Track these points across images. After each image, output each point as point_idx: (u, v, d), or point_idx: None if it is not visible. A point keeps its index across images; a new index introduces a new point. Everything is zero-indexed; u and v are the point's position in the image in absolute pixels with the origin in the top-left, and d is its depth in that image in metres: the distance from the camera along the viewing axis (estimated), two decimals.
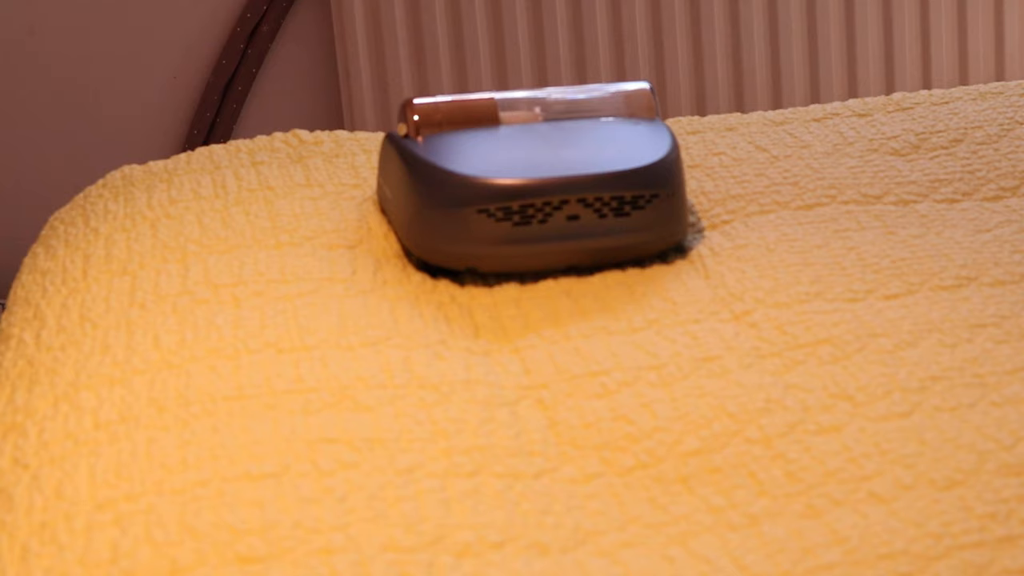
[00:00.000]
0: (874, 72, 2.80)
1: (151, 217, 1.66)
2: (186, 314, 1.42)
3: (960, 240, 1.52)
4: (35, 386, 1.36)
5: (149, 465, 1.17)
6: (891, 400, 1.24)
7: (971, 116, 1.81)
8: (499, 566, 1.05)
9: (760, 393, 1.26)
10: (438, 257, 1.52)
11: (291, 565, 1.04)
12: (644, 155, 1.55)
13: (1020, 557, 1.03)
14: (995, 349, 1.32)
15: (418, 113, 1.62)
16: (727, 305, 1.42)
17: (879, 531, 1.07)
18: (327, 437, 1.20)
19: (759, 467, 1.17)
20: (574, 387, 1.29)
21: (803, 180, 1.67)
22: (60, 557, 1.08)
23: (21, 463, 1.23)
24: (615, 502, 1.14)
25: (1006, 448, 1.16)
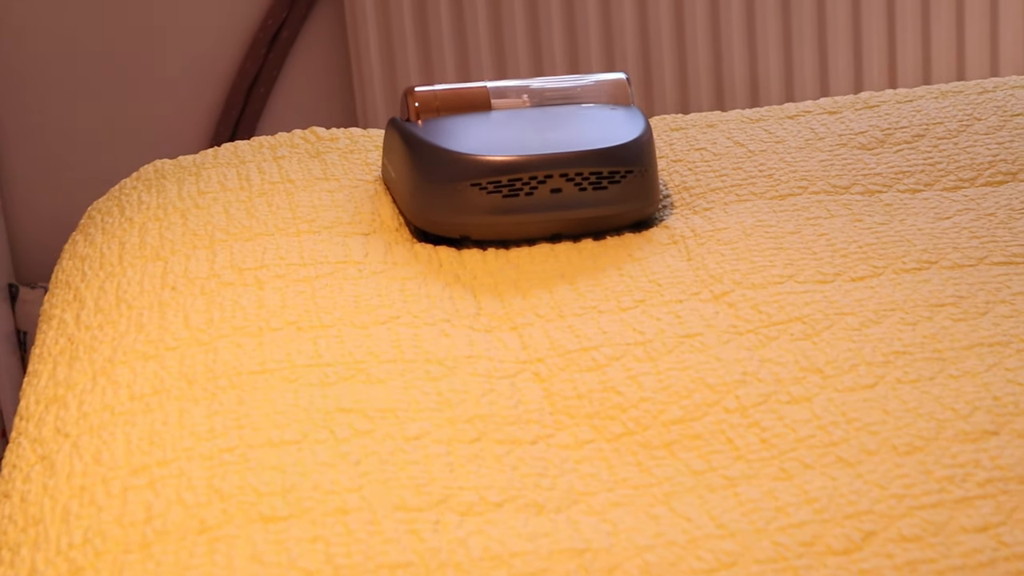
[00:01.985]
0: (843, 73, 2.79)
1: (181, 207, 1.66)
2: (213, 295, 1.42)
3: (922, 227, 1.52)
4: (75, 362, 1.36)
5: (180, 433, 1.18)
6: (857, 373, 1.25)
7: (933, 113, 1.81)
8: (499, 524, 1.05)
9: (737, 367, 1.26)
10: (435, 227, 1.54)
11: (310, 524, 1.04)
12: (620, 136, 1.57)
13: (976, 516, 1.04)
14: (953, 327, 1.32)
15: (418, 100, 1.65)
16: (707, 286, 1.42)
17: (846, 492, 1.07)
18: (342, 407, 1.20)
19: (736, 434, 1.17)
20: (568, 361, 1.30)
21: (777, 172, 1.67)
22: (98, 517, 1.09)
23: (62, 432, 1.23)
24: (605, 466, 1.14)
25: (963, 417, 1.16)
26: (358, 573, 0.99)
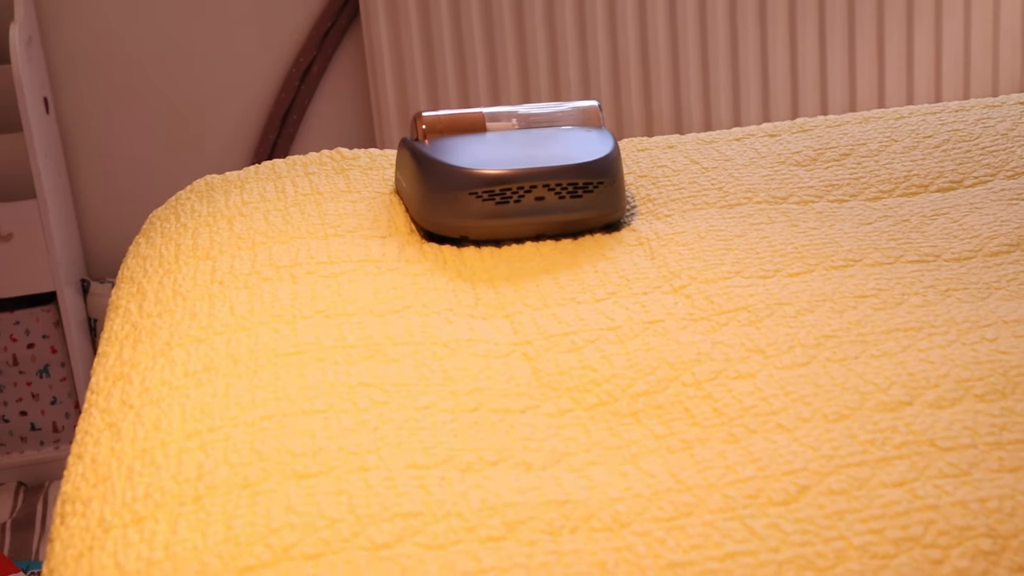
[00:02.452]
0: (782, 102, 2.80)
1: (228, 215, 1.66)
2: (254, 289, 1.42)
3: (848, 231, 1.52)
4: (138, 344, 1.36)
5: (226, 404, 1.18)
6: (793, 354, 1.25)
7: (857, 136, 1.81)
8: (494, 479, 1.05)
9: (693, 348, 1.27)
10: (440, 228, 1.55)
11: (335, 480, 1.04)
12: (592, 153, 1.58)
13: (893, 473, 1.04)
14: (874, 315, 1.32)
15: (425, 123, 1.65)
16: (668, 281, 1.42)
17: (784, 453, 1.07)
18: (363, 382, 1.20)
19: (692, 404, 1.17)
20: (551, 344, 1.30)
21: (726, 186, 1.67)
22: (157, 475, 1.09)
23: (127, 404, 1.23)
24: (582, 431, 1.15)
25: (882, 390, 1.16)
26: (376, 521, 0.99)
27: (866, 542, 0.96)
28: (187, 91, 2.72)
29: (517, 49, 2.69)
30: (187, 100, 2.72)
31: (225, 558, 0.96)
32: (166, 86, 2.71)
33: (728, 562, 0.95)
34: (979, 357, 1.21)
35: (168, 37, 2.69)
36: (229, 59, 2.71)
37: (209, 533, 0.99)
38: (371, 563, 0.95)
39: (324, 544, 0.97)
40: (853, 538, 0.96)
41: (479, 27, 2.67)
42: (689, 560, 0.95)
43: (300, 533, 0.98)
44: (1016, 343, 1.23)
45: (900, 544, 0.96)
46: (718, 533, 0.98)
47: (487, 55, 2.68)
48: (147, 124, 2.72)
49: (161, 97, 2.71)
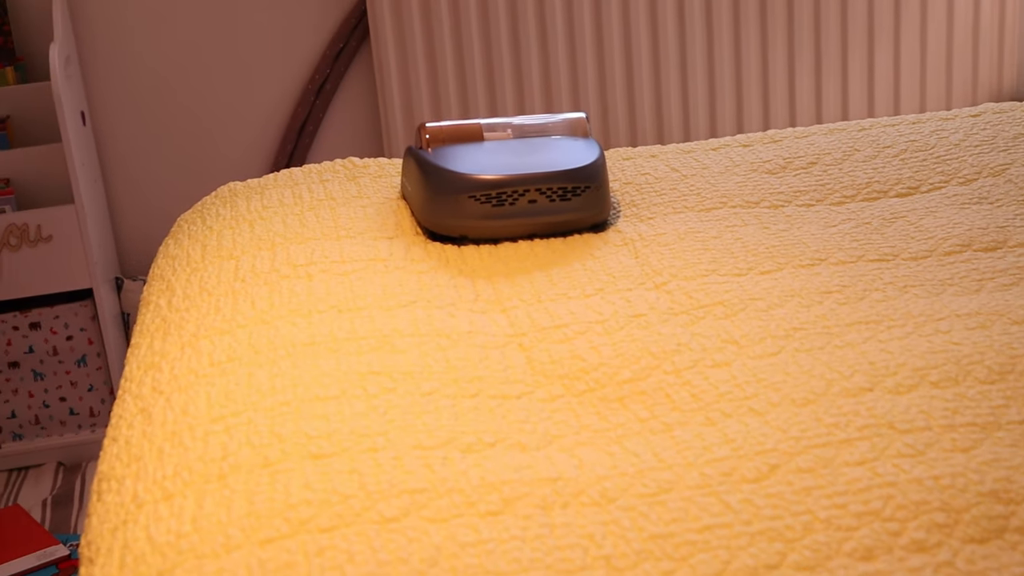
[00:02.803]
0: (755, 115, 2.80)
1: (249, 218, 1.66)
2: (274, 285, 1.43)
3: (814, 233, 1.53)
4: (167, 336, 1.36)
5: (248, 391, 1.18)
6: (765, 344, 1.25)
7: (823, 146, 1.82)
8: (492, 459, 1.06)
9: (673, 339, 1.27)
10: (441, 229, 1.55)
11: (348, 460, 1.05)
12: (580, 160, 1.58)
13: (856, 453, 1.04)
14: (838, 309, 1.32)
15: (428, 132, 1.66)
16: (650, 278, 1.42)
17: (756, 435, 1.08)
18: (373, 371, 1.21)
19: (672, 391, 1.17)
20: (544, 336, 1.30)
21: (704, 191, 1.67)
22: (185, 456, 1.09)
23: (158, 390, 1.23)
24: (572, 415, 1.15)
25: (845, 378, 1.16)
26: (385, 496, 0.99)
27: (831, 516, 0.96)
28: (212, 105, 2.72)
29: (513, 66, 2.69)
30: (212, 114, 2.72)
31: (247, 531, 0.96)
32: (192, 101, 2.71)
33: (706, 534, 0.95)
34: (934, 347, 1.21)
35: (194, 56, 2.69)
36: (250, 76, 2.72)
37: (233, 508, 0.99)
38: (380, 535, 0.95)
39: (337, 518, 0.97)
40: (819, 512, 0.96)
41: (478, 46, 2.67)
42: (670, 532, 0.95)
43: (316, 508, 0.98)
44: (968, 335, 1.23)
45: (862, 518, 0.96)
46: (696, 508, 0.98)
47: (485, 72, 2.69)
48: (175, 135, 2.72)
49: (188, 111, 2.71)
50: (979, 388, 1.13)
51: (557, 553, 0.93)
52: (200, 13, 2.67)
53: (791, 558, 0.92)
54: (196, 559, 0.95)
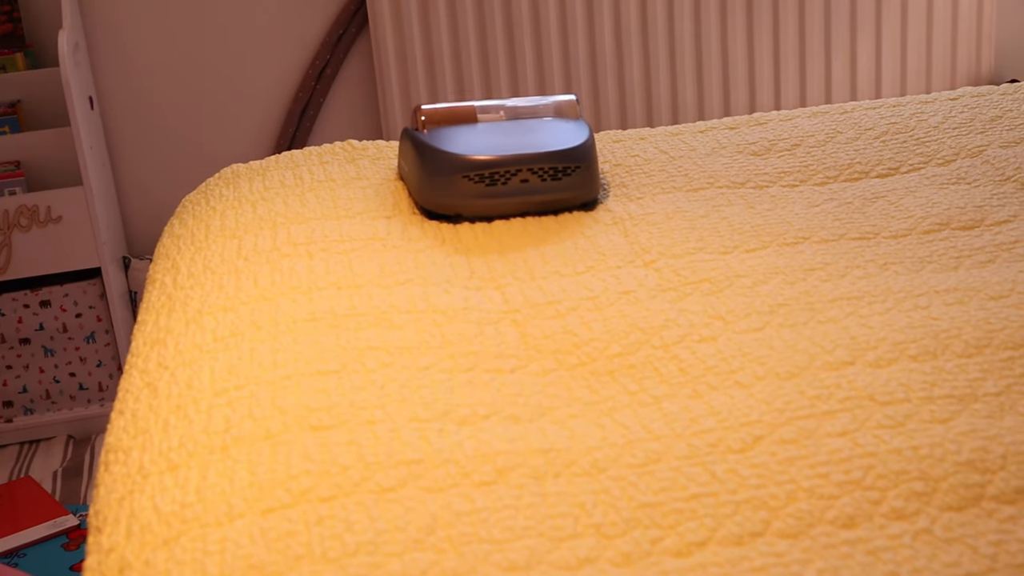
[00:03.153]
0: (741, 98, 2.79)
1: (251, 199, 1.66)
2: (275, 264, 1.42)
3: (798, 212, 1.52)
4: (172, 313, 1.36)
5: (250, 365, 1.18)
6: (750, 319, 1.25)
7: (806, 128, 1.82)
8: (487, 431, 1.06)
9: (661, 315, 1.27)
10: (437, 207, 1.55)
11: (347, 431, 1.05)
12: (570, 141, 1.58)
13: (837, 425, 1.04)
14: (821, 285, 1.32)
15: (424, 114, 1.65)
16: (639, 256, 1.42)
17: (741, 407, 1.08)
18: (371, 346, 1.21)
19: (660, 364, 1.18)
20: (537, 312, 1.30)
21: (691, 172, 1.67)
22: (189, 428, 1.09)
23: (163, 365, 1.23)
24: (564, 388, 1.15)
25: (827, 352, 1.17)
26: (383, 467, 0.99)
27: (813, 485, 0.96)
28: (216, 90, 2.71)
29: (506, 50, 2.68)
30: (215, 98, 2.72)
31: (249, 500, 0.97)
32: (197, 85, 2.70)
33: (692, 503, 0.95)
34: (913, 322, 1.21)
35: (198, 42, 2.68)
36: (253, 62, 2.71)
37: (235, 479, 0.99)
38: (378, 504, 0.95)
39: (337, 488, 0.97)
40: (802, 481, 0.97)
41: (473, 31, 2.66)
42: (658, 501, 0.95)
43: (316, 478, 0.98)
44: (945, 310, 1.23)
45: (843, 487, 0.96)
46: (684, 477, 0.98)
47: (480, 56, 2.68)
48: (180, 119, 2.72)
49: (193, 95, 2.71)
50: (957, 361, 1.13)
51: (549, 521, 0.93)
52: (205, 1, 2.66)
53: (775, 526, 0.93)
54: (200, 528, 0.95)
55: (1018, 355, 1.14)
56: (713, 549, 0.91)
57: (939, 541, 0.90)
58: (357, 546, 0.91)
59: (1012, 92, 1.90)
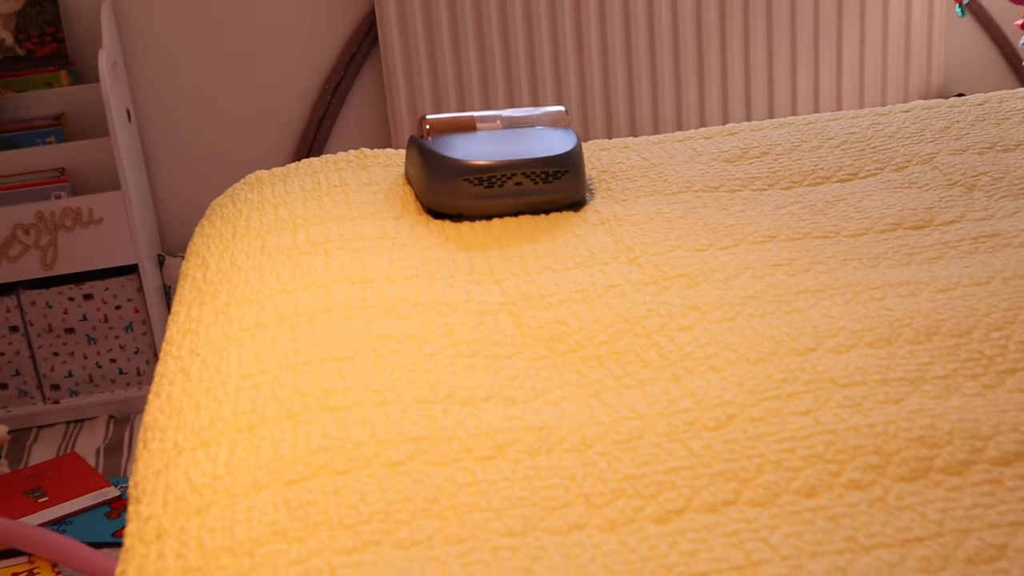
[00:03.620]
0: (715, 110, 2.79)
1: (274, 202, 1.66)
2: (295, 260, 1.42)
3: (766, 213, 1.52)
4: (203, 305, 1.36)
5: (273, 352, 1.18)
6: (723, 310, 1.25)
7: (774, 137, 1.82)
8: (487, 411, 1.06)
9: (643, 307, 1.27)
10: (440, 208, 1.55)
11: (361, 412, 1.05)
12: (559, 148, 1.58)
13: (801, 404, 1.04)
14: (787, 279, 1.32)
15: (429, 123, 1.65)
16: (624, 253, 1.42)
17: (716, 390, 1.08)
18: (382, 335, 1.21)
19: (643, 351, 1.18)
20: (532, 304, 1.30)
21: (671, 177, 1.67)
22: (219, 409, 1.09)
23: (195, 352, 1.23)
24: (556, 372, 1.15)
25: (792, 339, 1.17)
26: (393, 443, 0.99)
27: (780, 459, 0.96)
28: (241, 103, 2.71)
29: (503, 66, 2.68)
30: (241, 110, 2.71)
31: (273, 474, 0.97)
32: (224, 99, 2.70)
33: (671, 475, 0.95)
34: (869, 313, 1.21)
35: (225, 60, 2.68)
36: (274, 78, 2.70)
37: (260, 454, 1.00)
38: (389, 476, 0.95)
39: (351, 462, 0.97)
40: (770, 456, 0.97)
41: (474, 49, 2.66)
42: (640, 473, 0.95)
43: (332, 454, 0.98)
44: (899, 302, 1.24)
45: (807, 460, 0.96)
46: (663, 452, 0.98)
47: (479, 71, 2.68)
48: (209, 129, 2.71)
49: (220, 108, 2.70)
50: (908, 348, 1.14)
51: (542, 492, 0.93)
52: (230, 22, 2.66)
53: (745, 495, 0.93)
54: (229, 498, 0.95)
55: (963, 342, 1.14)
56: (690, 516, 0.91)
57: (892, 508, 0.91)
58: (370, 514, 0.91)
59: (959, 105, 1.91)
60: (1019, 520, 0.88)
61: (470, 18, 2.64)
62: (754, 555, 0.86)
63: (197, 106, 2.69)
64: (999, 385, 1.07)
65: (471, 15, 2.64)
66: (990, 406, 1.03)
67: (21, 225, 2.40)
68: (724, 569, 0.85)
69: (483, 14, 2.64)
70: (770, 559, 0.86)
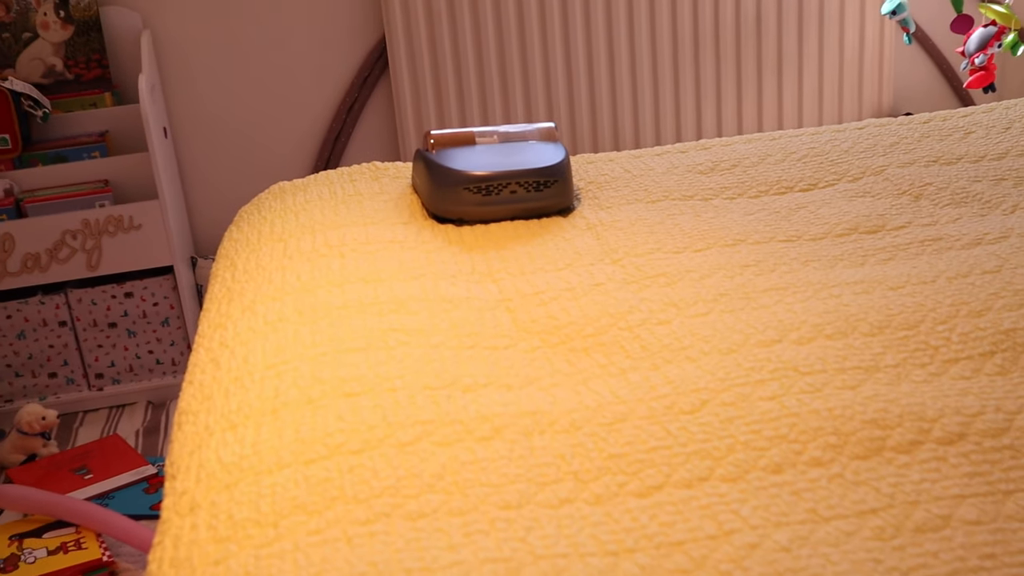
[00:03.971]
0: (690, 127, 2.79)
1: (295, 209, 1.66)
2: (314, 262, 1.42)
3: (736, 219, 1.52)
4: (231, 302, 1.36)
5: (295, 344, 1.18)
6: (697, 306, 1.25)
7: (742, 152, 1.81)
8: (486, 396, 1.06)
9: (626, 303, 1.27)
10: (443, 213, 1.55)
11: (373, 397, 1.04)
12: (549, 160, 1.58)
13: (768, 390, 1.04)
14: (755, 279, 1.32)
15: (433, 138, 1.65)
16: (608, 255, 1.42)
17: (691, 377, 1.08)
18: (392, 328, 1.20)
19: (626, 343, 1.18)
20: (526, 301, 1.30)
21: (650, 187, 1.67)
22: (246, 395, 1.09)
23: (224, 344, 1.23)
24: (547, 362, 1.15)
25: (759, 332, 1.17)
26: (402, 426, 0.99)
27: (748, 439, 0.96)
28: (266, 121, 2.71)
29: (500, 87, 2.68)
30: (265, 128, 2.71)
31: (295, 453, 0.97)
32: (251, 118, 2.69)
33: (651, 454, 0.95)
34: (828, 308, 1.21)
35: (252, 83, 2.67)
36: (295, 98, 2.70)
37: (283, 435, 0.99)
38: (398, 455, 0.95)
39: (364, 443, 0.97)
40: (739, 436, 0.97)
41: (473, 73, 2.66)
42: (624, 452, 0.95)
43: (348, 435, 0.98)
44: (854, 298, 1.24)
45: (772, 440, 0.96)
46: (644, 433, 0.98)
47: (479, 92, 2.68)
48: (237, 145, 2.71)
49: (247, 126, 2.70)
50: (863, 339, 1.14)
51: (536, 469, 0.93)
52: (256, 49, 2.66)
53: (718, 472, 0.93)
54: (255, 475, 0.95)
55: (912, 334, 1.14)
56: (668, 491, 0.91)
57: (849, 483, 0.91)
58: (381, 489, 0.91)
59: (907, 123, 1.91)
60: (961, 494, 0.88)
61: (470, 45, 2.64)
62: (726, 525, 0.86)
63: (226, 124, 2.69)
64: (944, 373, 1.07)
65: (471, 42, 2.64)
66: (936, 392, 1.03)
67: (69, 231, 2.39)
68: (699, 538, 0.85)
69: (482, 41, 2.64)
70: (740, 529, 0.85)
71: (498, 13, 2.64)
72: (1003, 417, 0.98)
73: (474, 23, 2.64)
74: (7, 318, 2.44)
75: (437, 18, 2.62)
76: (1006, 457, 0.93)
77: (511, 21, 2.65)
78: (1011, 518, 0.85)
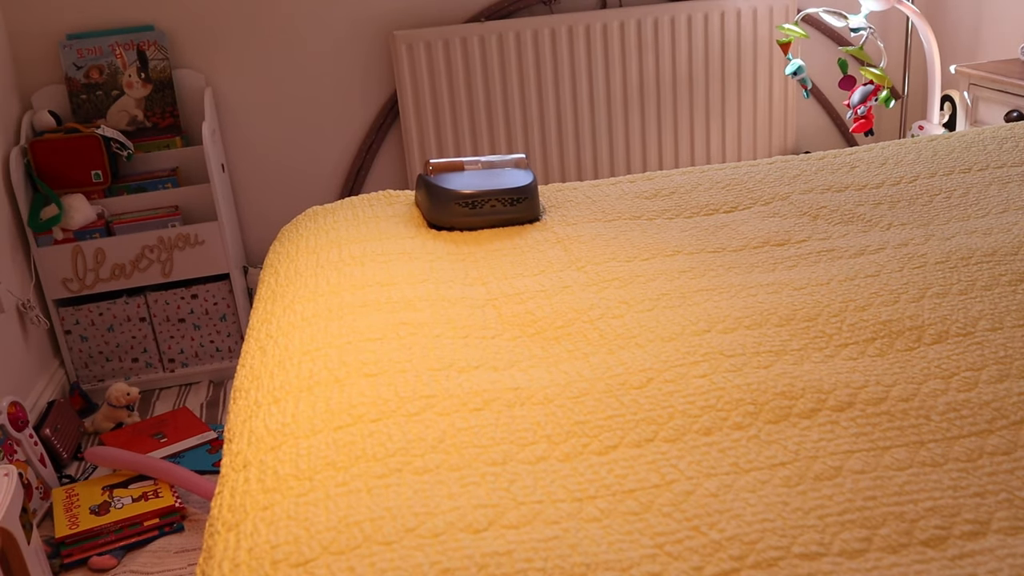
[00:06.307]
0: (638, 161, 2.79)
1: (325, 228, 1.65)
2: (340, 270, 1.41)
3: (675, 235, 1.52)
4: (274, 303, 1.35)
5: (324, 335, 1.17)
6: (644, 304, 1.25)
7: (679, 181, 1.81)
8: (476, 376, 1.05)
9: (588, 301, 1.26)
10: (439, 223, 1.56)
11: (387, 377, 1.04)
12: (521, 181, 1.59)
13: (699, 370, 1.04)
14: (690, 281, 1.32)
15: (432, 166, 1.66)
16: (574, 263, 1.42)
17: (639, 360, 1.07)
18: (402, 322, 1.20)
19: (587, 332, 1.17)
20: (509, 300, 1.29)
21: (606, 209, 1.67)
22: (286, 377, 1.08)
23: (268, 335, 1.22)
24: (525, 348, 1.14)
25: (693, 324, 1.16)
26: (411, 399, 0.99)
27: (685, 408, 0.96)
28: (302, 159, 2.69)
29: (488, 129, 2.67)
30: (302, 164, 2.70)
31: (326, 421, 0.96)
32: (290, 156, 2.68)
33: (608, 421, 0.95)
34: (747, 305, 1.21)
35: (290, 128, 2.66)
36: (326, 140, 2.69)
37: (316, 407, 0.99)
38: (408, 423, 0.94)
39: (381, 413, 0.96)
40: (677, 406, 0.97)
41: (466, 120, 2.65)
42: (586, 419, 0.95)
43: (367, 407, 0.97)
44: (767, 297, 1.24)
45: (704, 409, 0.96)
46: (602, 405, 0.98)
47: (471, 133, 2.67)
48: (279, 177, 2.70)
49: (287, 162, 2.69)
50: (774, 330, 1.14)
51: (517, 433, 0.93)
52: (294, 102, 2.65)
53: (660, 434, 0.92)
54: (294, 439, 0.94)
55: (812, 325, 1.14)
56: (622, 450, 0.90)
57: (762, 443, 0.90)
58: (395, 450, 0.90)
59: (807, 159, 1.91)
60: (850, 449, 0.89)
61: (464, 99, 2.64)
62: (667, 476, 0.86)
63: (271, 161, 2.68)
64: (836, 355, 1.07)
65: (465, 97, 2.64)
66: (830, 370, 1.03)
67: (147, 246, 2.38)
68: (646, 487, 0.85)
69: (473, 95, 2.64)
70: (678, 479, 0.85)
71: (486, 74, 2.65)
72: (882, 389, 0.98)
73: (467, 81, 2.64)
74: (99, 315, 2.43)
75: (437, 78, 2.62)
76: (884, 421, 0.93)
77: (496, 80, 2.65)
78: (888, 468, 0.86)
